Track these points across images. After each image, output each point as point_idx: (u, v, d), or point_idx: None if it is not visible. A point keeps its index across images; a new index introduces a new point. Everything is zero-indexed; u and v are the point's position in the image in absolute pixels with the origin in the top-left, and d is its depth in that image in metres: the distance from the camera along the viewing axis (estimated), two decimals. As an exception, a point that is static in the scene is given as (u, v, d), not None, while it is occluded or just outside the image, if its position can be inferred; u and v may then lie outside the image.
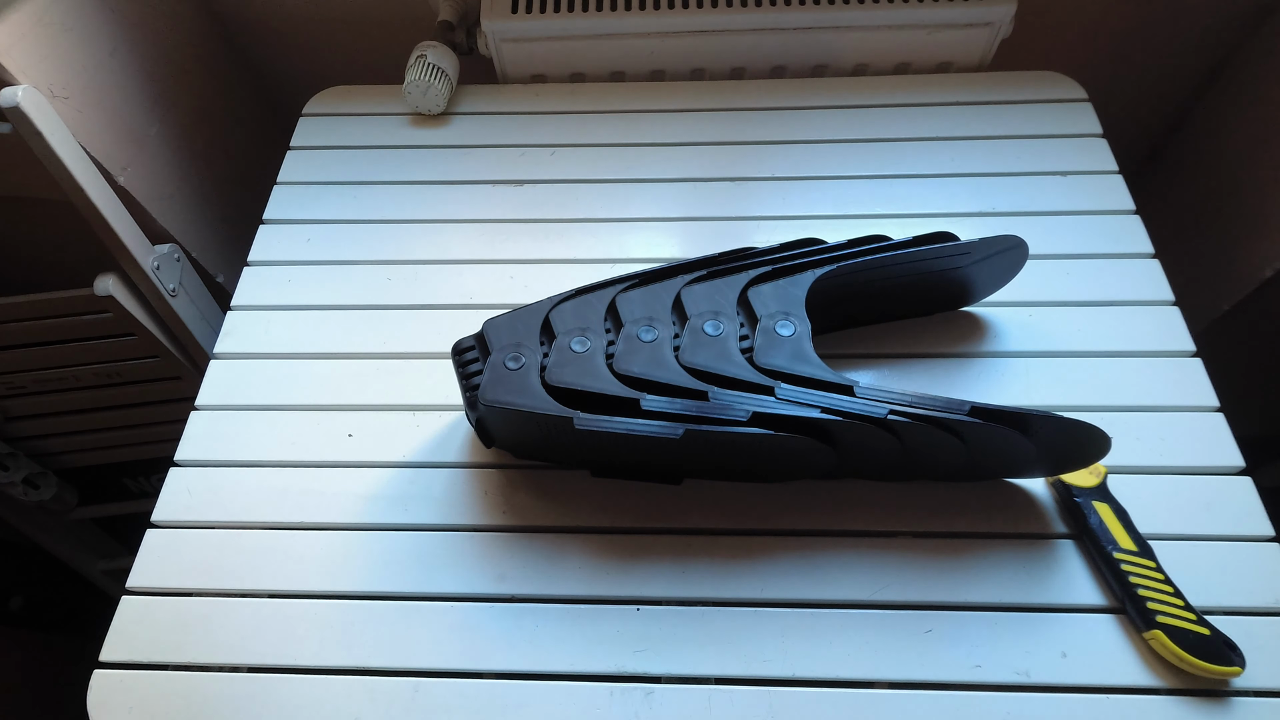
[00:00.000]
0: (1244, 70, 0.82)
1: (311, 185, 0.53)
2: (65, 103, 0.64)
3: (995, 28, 0.70)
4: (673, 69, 0.74)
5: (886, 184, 0.64)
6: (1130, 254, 0.59)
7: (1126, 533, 0.46)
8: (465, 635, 0.46)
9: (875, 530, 0.49)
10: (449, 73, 0.70)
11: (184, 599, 0.48)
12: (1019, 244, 0.51)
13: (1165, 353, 0.54)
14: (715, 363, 0.45)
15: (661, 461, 0.49)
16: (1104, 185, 0.63)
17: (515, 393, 0.45)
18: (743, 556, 0.48)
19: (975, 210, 0.62)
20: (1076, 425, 0.43)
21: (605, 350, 0.47)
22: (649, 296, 0.49)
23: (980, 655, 0.44)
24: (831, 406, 0.43)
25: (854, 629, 0.45)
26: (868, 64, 0.74)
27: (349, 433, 0.54)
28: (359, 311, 0.60)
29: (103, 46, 0.69)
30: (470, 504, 0.51)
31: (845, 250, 0.50)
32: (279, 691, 0.45)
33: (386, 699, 0.45)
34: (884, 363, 0.55)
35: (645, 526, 0.49)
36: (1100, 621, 0.45)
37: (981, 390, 0.53)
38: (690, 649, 0.45)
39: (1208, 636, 0.43)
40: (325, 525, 0.51)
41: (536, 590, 0.47)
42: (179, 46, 0.79)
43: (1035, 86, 0.70)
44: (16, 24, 0.60)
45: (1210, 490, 0.49)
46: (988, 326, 0.56)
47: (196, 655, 0.46)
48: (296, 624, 0.47)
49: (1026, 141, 0.66)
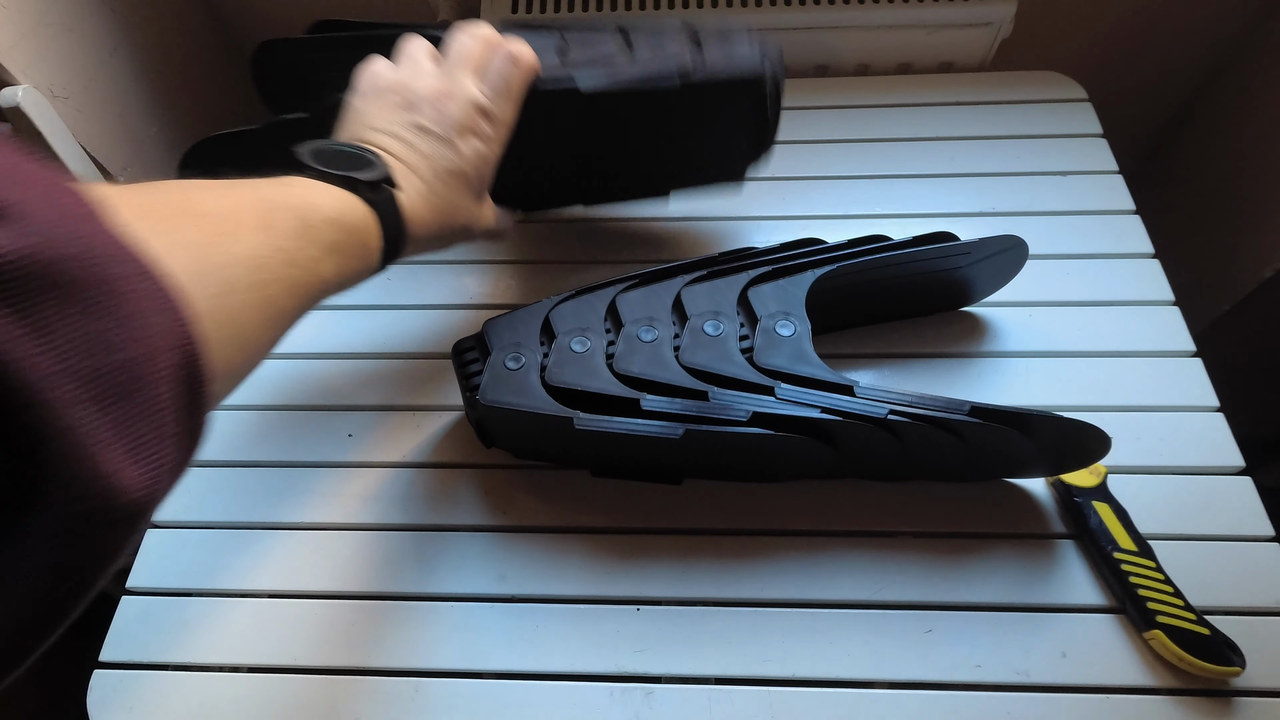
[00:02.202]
0: (1244, 70, 0.82)
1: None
2: (65, 103, 0.64)
3: (995, 28, 0.70)
4: (673, 69, 0.74)
5: (886, 184, 0.64)
6: (1130, 254, 0.59)
7: (1126, 533, 0.46)
8: (465, 635, 0.46)
9: (875, 530, 0.49)
10: (449, 72, 0.70)
11: (184, 599, 0.48)
12: (1019, 244, 0.51)
13: (1165, 353, 0.54)
14: (715, 363, 0.45)
15: (661, 461, 0.49)
16: (1104, 185, 0.63)
17: (515, 393, 0.45)
18: (743, 556, 0.48)
19: (975, 210, 0.62)
20: (1076, 425, 0.43)
21: (605, 350, 0.47)
22: (649, 296, 0.49)
23: (980, 655, 0.44)
24: (831, 406, 0.43)
25: (854, 629, 0.45)
26: (869, 64, 0.74)
27: (349, 433, 0.54)
28: (359, 311, 0.60)
29: (103, 46, 0.69)
30: (470, 504, 0.51)
31: (845, 250, 0.50)
32: (279, 691, 0.45)
33: (386, 699, 0.45)
34: (884, 363, 0.55)
35: (645, 526, 0.49)
36: (1100, 621, 0.45)
37: (981, 390, 0.53)
38: (690, 649, 0.45)
39: (1208, 636, 0.43)
40: (325, 525, 0.51)
41: (537, 590, 0.47)
42: (179, 46, 0.79)
43: (1035, 86, 0.70)
44: (16, 24, 0.60)
45: (1210, 490, 0.49)
46: (988, 326, 0.56)
47: (196, 655, 0.46)
48: (296, 624, 0.47)
49: (1026, 141, 0.66)
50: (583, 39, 0.51)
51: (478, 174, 0.43)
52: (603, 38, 0.52)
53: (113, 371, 0.19)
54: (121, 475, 0.19)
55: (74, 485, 0.18)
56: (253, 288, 0.28)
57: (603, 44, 0.51)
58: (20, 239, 0.17)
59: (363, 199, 0.36)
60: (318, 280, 0.32)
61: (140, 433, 0.20)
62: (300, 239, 0.31)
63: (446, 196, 0.41)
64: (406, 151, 0.40)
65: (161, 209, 0.26)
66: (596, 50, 0.51)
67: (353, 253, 0.35)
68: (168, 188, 0.28)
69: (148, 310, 0.20)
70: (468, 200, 0.42)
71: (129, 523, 0.19)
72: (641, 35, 0.52)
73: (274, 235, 0.30)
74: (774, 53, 0.52)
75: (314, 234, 0.32)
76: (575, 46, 0.51)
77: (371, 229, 0.36)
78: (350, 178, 0.36)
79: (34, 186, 0.19)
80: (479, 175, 0.43)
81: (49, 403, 0.17)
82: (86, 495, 0.18)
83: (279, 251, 0.30)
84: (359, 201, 0.36)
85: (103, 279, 0.19)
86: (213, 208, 0.28)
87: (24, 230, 0.18)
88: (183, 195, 0.28)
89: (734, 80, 0.50)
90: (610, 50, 0.51)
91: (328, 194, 0.34)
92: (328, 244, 0.33)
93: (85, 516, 0.18)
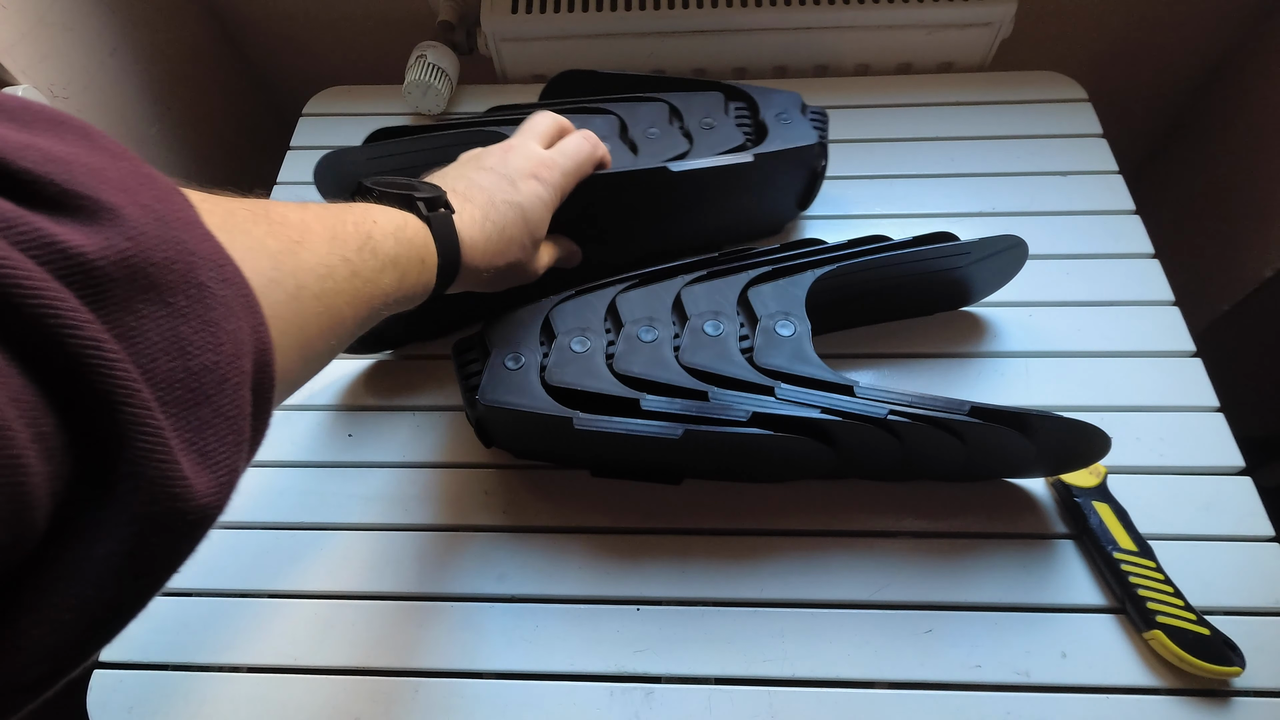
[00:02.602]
0: (1244, 70, 0.82)
1: (311, 185, 0.53)
2: (65, 103, 0.64)
3: (995, 28, 0.70)
4: (673, 69, 0.74)
5: (886, 184, 0.64)
6: (1130, 254, 0.59)
7: (1126, 533, 0.46)
8: (465, 635, 0.46)
9: (875, 530, 0.49)
10: (449, 73, 0.70)
11: (184, 599, 0.48)
12: (1019, 244, 0.51)
13: (1165, 353, 0.54)
14: (715, 363, 0.45)
15: (661, 461, 0.49)
16: (1104, 185, 0.63)
17: (515, 393, 0.45)
18: (743, 556, 0.48)
19: (975, 210, 0.62)
20: (1076, 425, 0.43)
21: (605, 350, 0.47)
22: (649, 296, 0.49)
23: (980, 655, 0.44)
24: (831, 406, 0.43)
25: (854, 629, 0.45)
26: (869, 64, 0.74)
27: (349, 433, 0.54)
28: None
29: (103, 46, 0.69)
30: (470, 504, 0.51)
31: (845, 250, 0.50)
32: (279, 691, 0.45)
33: (386, 699, 0.45)
34: (884, 363, 0.55)
35: (645, 526, 0.49)
36: (1100, 621, 0.45)
37: (981, 390, 0.53)
38: (690, 649, 0.45)
39: (1208, 636, 0.43)
40: (325, 525, 0.51)
41: (537, 590, 0.47)
42: (179, 46, 0.79)
43: (1035, 86, 0.70)
44: (16, 24, 0.60)
45: (1210, 490, 0.49)
46: (988, 326, 0.56)
47: (196, 655, 0.46)
48: (297, 624, 0.47)
49: (1026, 141, 0.66)
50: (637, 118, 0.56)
51: (535, 213, 0.44)
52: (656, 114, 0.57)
53: (197, 374, 0.19)
54: (196, 480, 0.19)
55: (151, 488, 0.18)
56: (319, 296, 0.28)
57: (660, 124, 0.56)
58: (118, 241, 0.18)
59: (419, 216, 0.37)
60: (379, 293, 0.33)
61: (217, 437, 0.20)
62: (363, 251, 0.32)
63: (503, 227, 0.42)
64: (466, 186, 0.42)
65: (241, 214, 0.26)
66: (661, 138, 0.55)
67: (411, 268, 0.35)
68: (247, 199, 0.29)
69: (232, 314, 0.21)
70: (523, 236, 0.43)
71: (198, 526, 0.20)
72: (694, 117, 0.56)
73: (340, 246, 0.31)
74: (819, 114, 0.58)
75: (375, 246, 0.33)
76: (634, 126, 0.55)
77: (428, 245, 0.37)
78: (408, 196, 0.38)
79: (133, 187, 0.20)
80: (536, 215, 0.44)
81: (136, 404, 0.18)
82: (162, 498, 0.18)
83: (344, 262, 0.31)
84: (415, 219, 0.37)
85: (193, 282, 0.20)
86: (287, 216, 0.29)
87: (122, 233, 0.18)
88: (261, 206, 0.28)
89: (794, 150, 0.54)
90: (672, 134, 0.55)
91: (387, 212, 0.36)
92: (388, 257, 0.34)
93: (157, 519, 0.18)
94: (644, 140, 0.55)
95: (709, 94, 0.58)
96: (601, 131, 0.54)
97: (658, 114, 0.56)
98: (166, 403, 0.19)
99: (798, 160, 0.55)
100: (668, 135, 0.55)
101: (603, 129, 0.55)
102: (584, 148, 0.48)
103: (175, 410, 0.19)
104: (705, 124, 0.55)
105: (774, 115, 0.56)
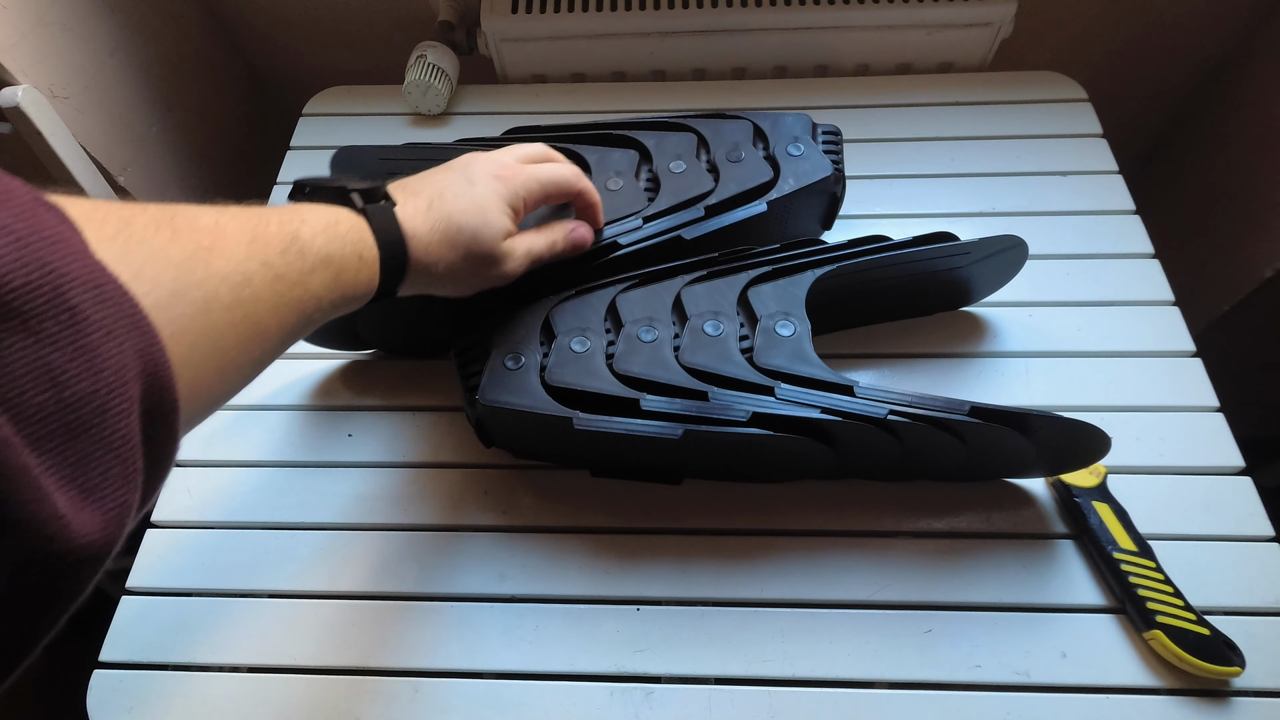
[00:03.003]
0: (1244, 70, 0.82)
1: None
2: (65, 103, 0.64)
3: (995, 28, 0.70)
4: (673, 69, 0.74)
5: (886, 184, 0.64)
6: (1130, 254, 0.59)
7: (1126, 533, 0.46)
8: (465, 635, 0.46)
9: (875, 530, 0.49)
10: (449, 73, 0.70)
11: (184, 599, 0.48)
12: (1019, 244, 0.51)
13: (1165, 353, 0.54)
14: (715, 363, 0.45)
15: (661, 461, 0.49)
16: (1104, 185, 0.63)
17: (515, 393, 0.45)
18: (743, 556, 0.48)
19: (975, 210, 0.62)
20: (1076, 425, 0.43)
21: (605, 350, 0.47)
22: (649, 296, 0.49)
23: (980, 655, 0.44)
24: (831, 406, 0.43)
25: (854, 629, 0.45)
26: (869, 64, 0.74)
27: (349, 433, 0.54)
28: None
29: (103, 46, 0.69)
30: (470, 504, 0.51)
31: (845, 250, 0.50)
32: (279, 691, 0.45)
33: (386, 699, 0.45)
34: (884, 363, 0.55)
35: (645, 526, 0.49)
36: (1100, 621, 0.45)
37: (981, 390, 0.53)
38: (690, 649, 0.45)
39: (1208, 636, 0.43)
40: (325, 525, 0.51)
41: (537, 590, 0.47)
42: (179, 46, 0.79)
43: (1035, 86, 0.70)
44: (16, 24, 0.60)
45: (1210, 490, 0.49)
46: (988, 326, 0.56)
47: (196, 655, 0.46)
48: (296, 624, 0.47)
49: (1026, 141, 0.66)
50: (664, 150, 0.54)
51: (491, 205, 0.41)
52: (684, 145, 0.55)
53: (72, 405, 0.18)
54: (75, 519, 0.18)
55: (23, 530, 0.17)
56: (235, 305, 0.27)
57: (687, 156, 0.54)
58: None
59: (354, 210, 0.35)
60: (309, 296, 0.31)
61: (101, 470, 0.19)
62: (288, 253, 0.30)
63: (449, 215, 0.39)
64: (418, 182, 0.40)
65: (140, 222, 0.25)
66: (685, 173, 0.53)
67: (347, 265, 0.33)
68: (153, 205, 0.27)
69: (111, 337, 0.19)
70: (477, 226, 0.40)
71: (85, 566, 0.18)
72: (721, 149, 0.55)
73: (261, 249, 0.29)
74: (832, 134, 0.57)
75: (303, 246, 0.31)
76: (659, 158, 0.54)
77: (365, 240, 0.35)
78: (341, 188, 0.36)
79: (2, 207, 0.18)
80: (493, 207, 0.41)
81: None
82: (37, 539, 0.17)
83: (265, 267, 0.29)
84: (349, 213, 0.35)
85: (63, 306, 0.18)
86: (198, 221, 0.27)
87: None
88: (167, 211, 0.27)
89: (813, 185, 0.53)
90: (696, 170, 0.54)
91: (317, 209, 0.34)
92: (318, 256, 0.32)
93: (35, 561, 0.17)
94: (667, 175, 0.53)
95: (738, 123, 0.56)
96: (619, 166, 0.53)
97: (685, 145, 0.55)
98: (38, 438, 0.17)
99: (816, 191, 0.54)
100: (693, 171, 0.53)
101: (621, 163, 0.53)
102: (563, 173, 0.45)
103: (49, 445, 0.17)
104: (733, 156, 0.54)
105: (784, 147, 0.54)
